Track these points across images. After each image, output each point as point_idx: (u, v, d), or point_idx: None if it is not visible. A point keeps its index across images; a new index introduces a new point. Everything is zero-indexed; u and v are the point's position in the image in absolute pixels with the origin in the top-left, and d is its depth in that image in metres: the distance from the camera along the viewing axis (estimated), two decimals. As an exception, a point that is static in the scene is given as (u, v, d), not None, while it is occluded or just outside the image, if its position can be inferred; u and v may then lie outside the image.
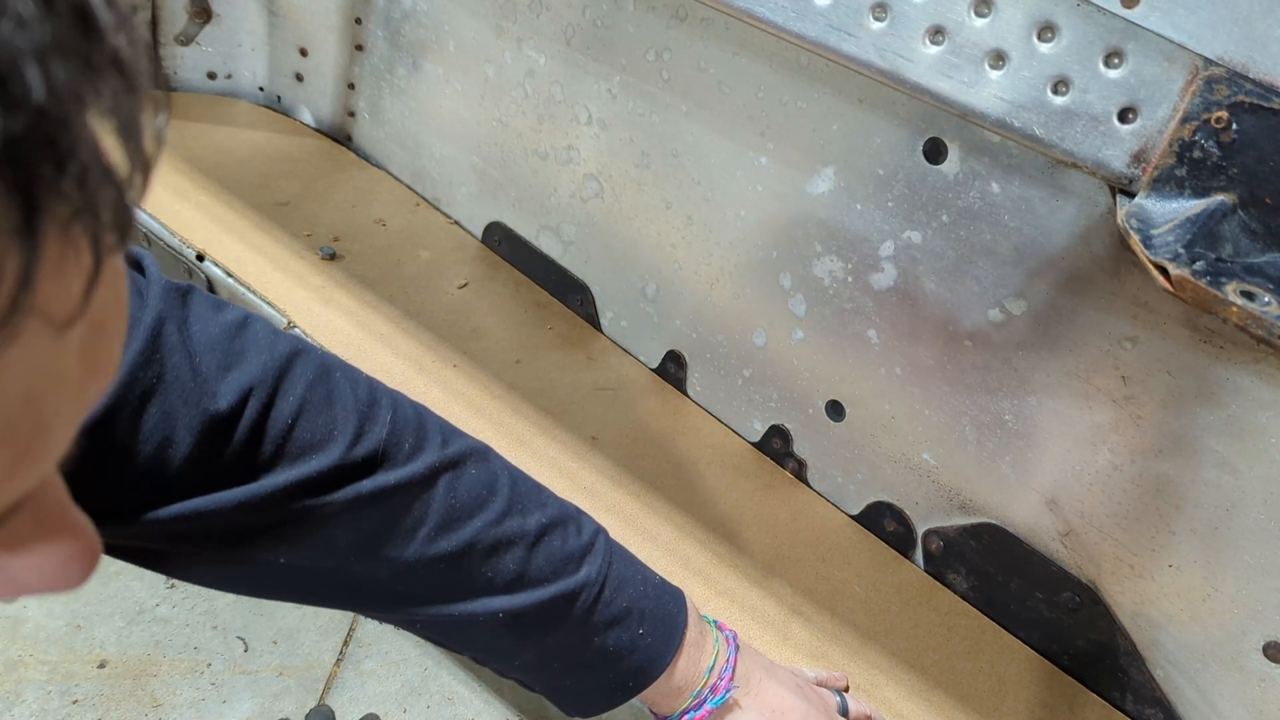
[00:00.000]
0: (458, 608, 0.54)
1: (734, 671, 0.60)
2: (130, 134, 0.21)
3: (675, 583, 0.67)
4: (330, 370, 0.53)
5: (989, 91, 0.59)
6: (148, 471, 0.46)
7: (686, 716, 0.58)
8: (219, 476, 0.48)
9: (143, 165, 0.21)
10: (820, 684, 0.70)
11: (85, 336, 0.22)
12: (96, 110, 0.19)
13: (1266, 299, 0.49)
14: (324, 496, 0.50)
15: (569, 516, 0.58)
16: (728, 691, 0.59)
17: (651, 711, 0.61)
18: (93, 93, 0.19)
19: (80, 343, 0.22)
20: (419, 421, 0.55)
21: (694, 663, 0.59)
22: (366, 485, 0.51)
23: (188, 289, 0.50)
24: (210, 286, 1.02)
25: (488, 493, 0.55)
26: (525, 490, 0.57)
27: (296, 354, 0.52)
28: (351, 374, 0.55)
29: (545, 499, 0.58)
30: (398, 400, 0.56)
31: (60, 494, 0.27)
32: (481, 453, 0.57)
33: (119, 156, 0.20)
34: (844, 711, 0.68)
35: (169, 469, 0.46)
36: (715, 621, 0.63)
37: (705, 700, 0.58)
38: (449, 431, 0.56)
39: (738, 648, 0.61)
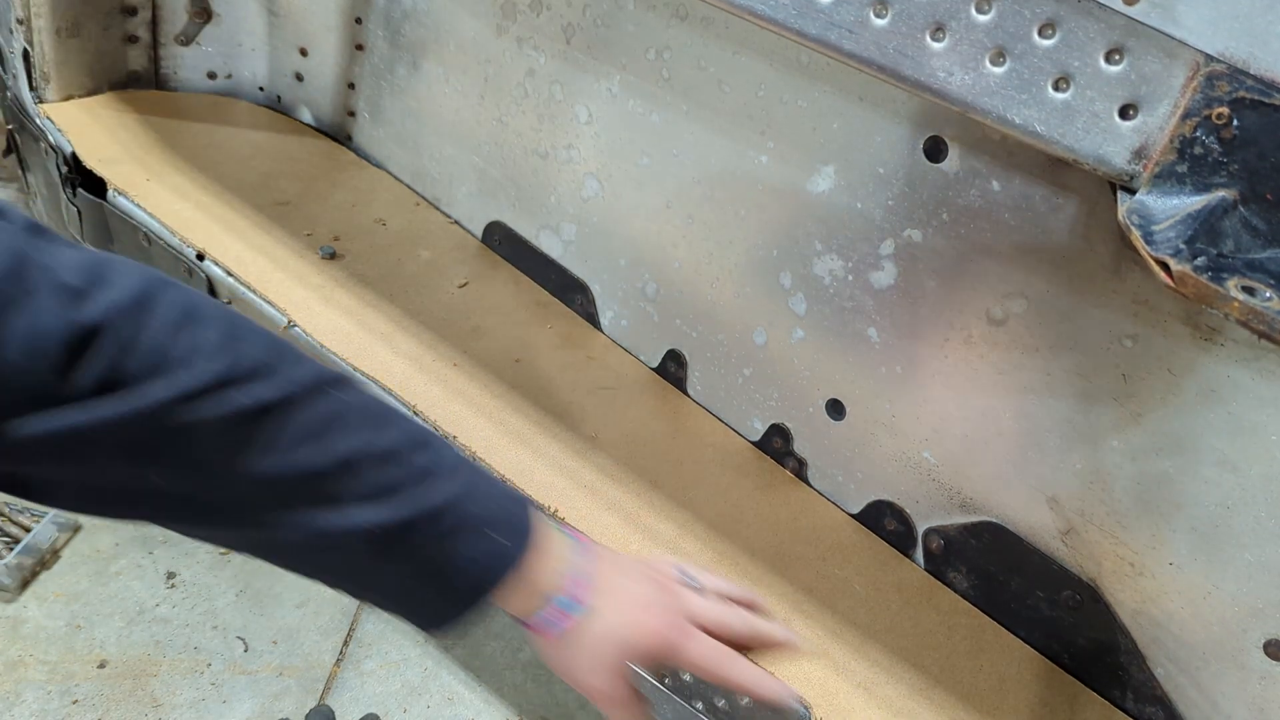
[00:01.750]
0: (317, 523, 0.55)
1: (585, 574, 0.62)
2: None
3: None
4: (197, 295, 0.56)
5: (990, 88, 0.59)
6: (12, 388, 0.46)
7: (539, 616, 0.61)
8: (88, 393, 0.48)
9: None
10: (682, 574, 0.71)
11: None
12: None
13: (1268, 294, 0.49)
14: (193, 413, 0.51)
15: (426, 435, 0.61)
16: (579, 594, 0.61)
17: (512, 616, 0.63)
18: None
19: None
20: (281, 344, 0.58)
21: (545, 567, 0.60)
22: (234, 401, 0.52)
23: (46, 228, 0.52)
24: (211, 286, 1.02)
25: (348, 412, 0.57)
26: (381, 411, 0.60)
27: (163, 279, 0.54)
28: (218, 302, 0.58)
29: (401, 419, 0.61)
30: (258, 326, 0.59)
31: None
32: (342, 378, 0.60)
33: None
34: (700, 591, 0.70)
35: (35, 385, 0.47)
36: (565, 527, 0.67)
37: (558, 601, 0.61)
38: (307, 356, 0.60)
39: (589, 550, 0.64)
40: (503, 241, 1.18)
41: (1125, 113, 0.56)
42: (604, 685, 0.62)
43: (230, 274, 1.00)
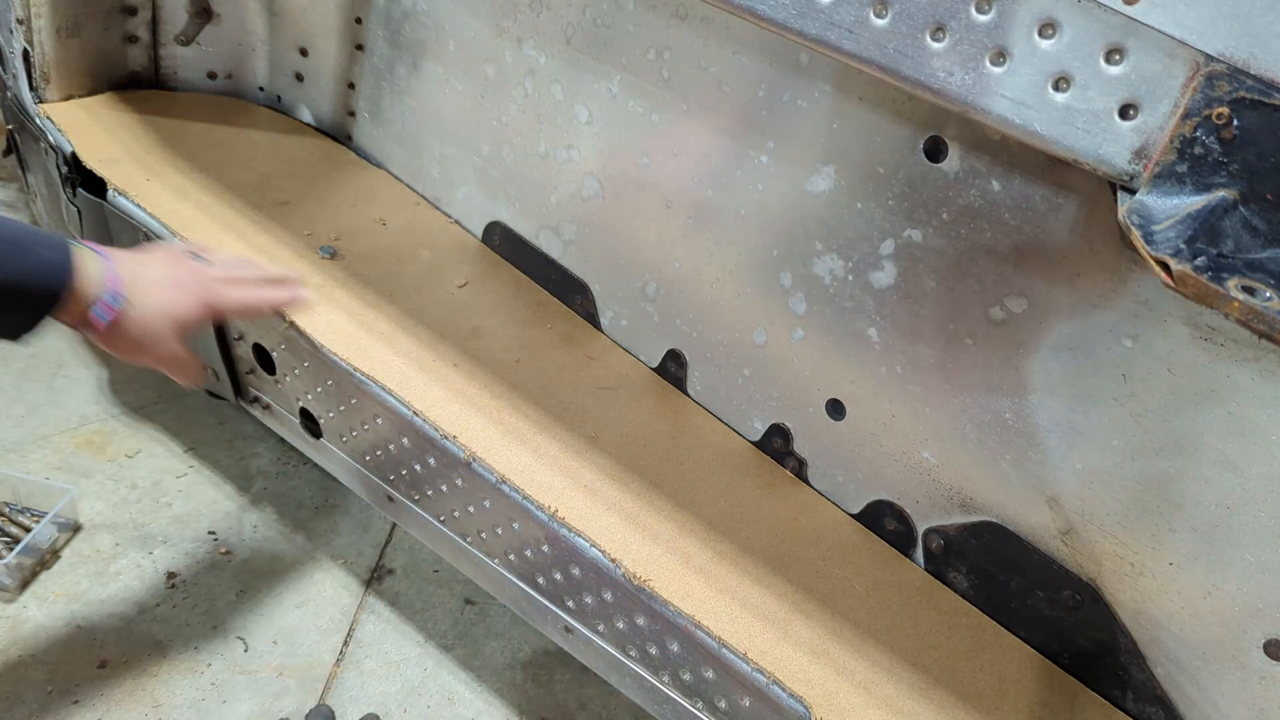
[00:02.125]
0: None
1: (115, 274, 0.75)
2: None
3: (675, 579, 0.76)
4: None
5: (990, 88, 0.59)
6: None
7: (92, 313, 0.73)
8: None
9: None
10: (192, 254, 0.85)
11: None
12: None
13: (1268, 294, 0.49)
14: None
15: None
16: (118, 289, 0.74)
17: (68, 323, 0.74)
18: None
19: None
20: None
21: (86, 275, 0.72)
22: None
23: None
24: (210, 285, 1.02)
25: None
26: None
27: None
28: None
29: None
30: None
31: None
32: None
33: None
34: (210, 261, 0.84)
35: None
36: (84, 243, 0.77)
37: (107, 298, 0.73)
38: None
39: (111, 257, 0.77)
40: (503, 241, 1.18)
41: (1125, 113, 0.56)
42: (162, 354, 0.78)
43: (230, 274, 1.00)
